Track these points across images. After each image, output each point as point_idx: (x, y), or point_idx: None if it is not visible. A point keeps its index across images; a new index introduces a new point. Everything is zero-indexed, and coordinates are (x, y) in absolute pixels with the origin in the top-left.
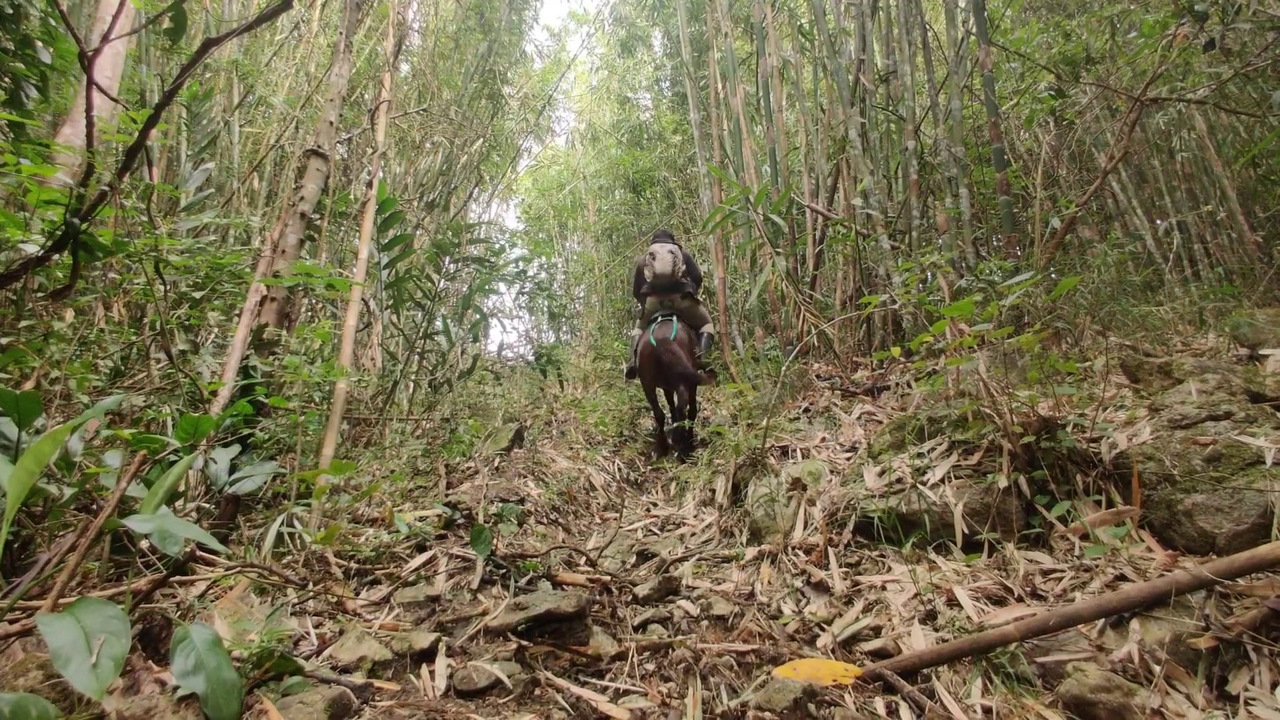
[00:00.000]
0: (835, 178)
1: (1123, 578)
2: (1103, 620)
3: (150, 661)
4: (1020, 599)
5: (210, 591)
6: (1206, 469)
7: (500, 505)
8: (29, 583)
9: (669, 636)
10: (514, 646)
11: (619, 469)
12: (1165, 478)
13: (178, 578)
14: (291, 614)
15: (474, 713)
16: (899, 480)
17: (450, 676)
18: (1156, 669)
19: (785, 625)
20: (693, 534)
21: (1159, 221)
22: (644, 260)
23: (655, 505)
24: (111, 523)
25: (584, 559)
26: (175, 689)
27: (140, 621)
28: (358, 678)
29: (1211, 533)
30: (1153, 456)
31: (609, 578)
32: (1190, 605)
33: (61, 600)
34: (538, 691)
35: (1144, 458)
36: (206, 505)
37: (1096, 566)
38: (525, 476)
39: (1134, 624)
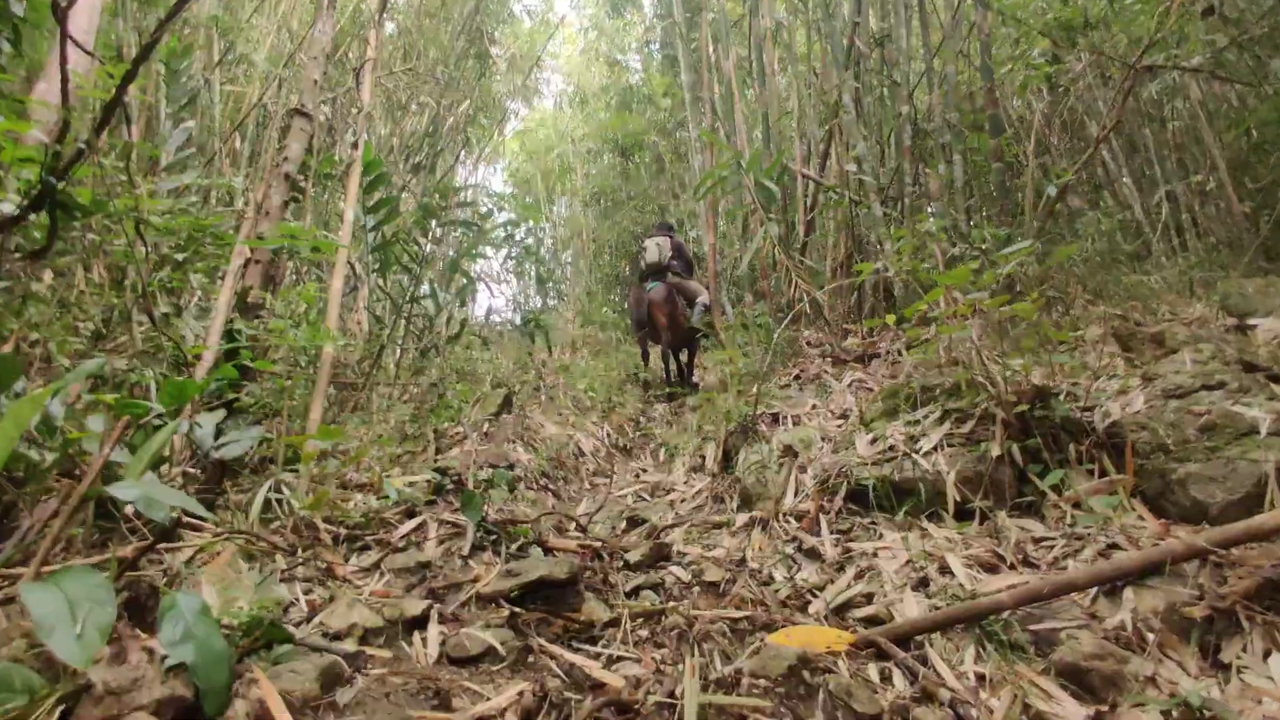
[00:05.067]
0: (828, 143)
1: (1115, 546)
2: (1096, 588)
3: (137, 629)
4: (1013, 566)
5: (197, 557)
6: (1200, 439)
7: (490, 471)
8: (11, 549)
9: (661, 603)
10: (506, 613)
11: (608, 435)
12: (1159, 447)
13: (164, 544)
14: (281, 580)
15: (467, 680)
16: (891, 448)
17: (443, 644)
18: (1151, 637)
19: (777, 592)
20: (683, 500)
21: (1152, 192)
22: (639, 252)
23: (644, 471)
24: (94, 490)
25: (574, 524)
26: (164, 658)
27: (126, 589)
28: (349, 645)
29: (1205, 502)
30: (1146, 426)
31: (600, 544)
32: (1184, 574)
33: (45, 568)
34: (531, 659)
35: (1138, 427)
36: (192, 470)
37: (1089, 535)
38: (514, 442)
39: (1127, 592)
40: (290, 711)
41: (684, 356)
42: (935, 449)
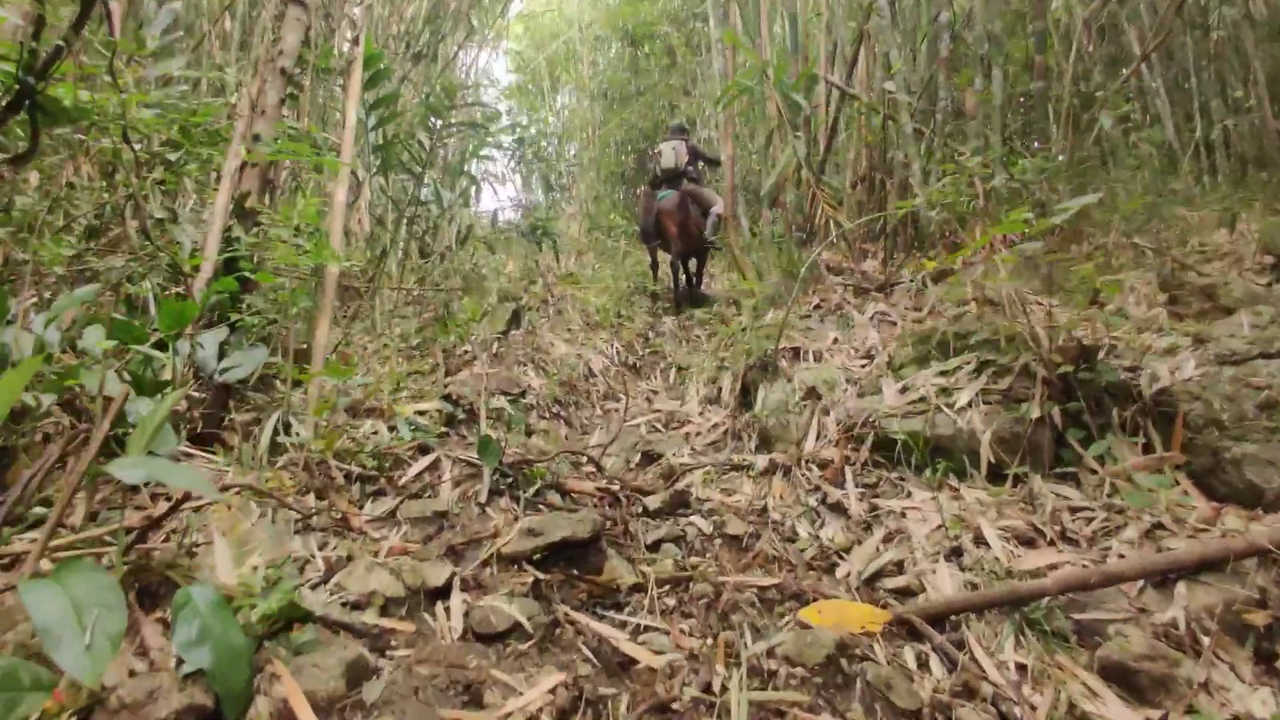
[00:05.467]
0: (856, 48)
1: (1160, 526)
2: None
3: (149, 615)
4: (1051, 542)
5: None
6: (1259, 416)
7: (503, 399)
8: (12, 501)
9: (683, 557)
10: (530, 580)
11: (618, 352)
12: (1212, 421)
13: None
14: (295, 533)
15: (495, 666)
16: (922, 399)
17: (466, 615)
18: (1205, 640)
19: (802, 550)
20: (698, 434)
21: (1185, 105)
22: (653, 155)
23: (656, 394)
24: (95, 469)
25: (587, 459)
26: (180, 662)
27: (138, 570)
28: (369, 615)
29: (1260, 486)
30: (1199, 396)
31: (618, 486)
32: (1240, 570)
33: (50, 543)
34: (558, 631)
35: (1189, 397)
36: (195, 394)
37: (1129, 509)
38: (525, 365)
39: (1180, 587)
40: (315, 713)
41: (693, 266)
42: (969, 405)
